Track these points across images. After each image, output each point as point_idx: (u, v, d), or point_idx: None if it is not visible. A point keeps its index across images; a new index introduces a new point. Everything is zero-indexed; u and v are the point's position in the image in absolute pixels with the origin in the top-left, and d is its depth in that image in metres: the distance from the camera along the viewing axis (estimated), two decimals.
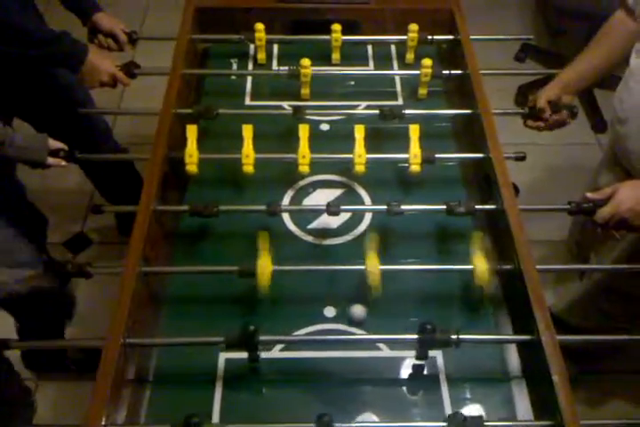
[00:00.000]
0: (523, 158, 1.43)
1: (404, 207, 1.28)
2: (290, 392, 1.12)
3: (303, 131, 1.38)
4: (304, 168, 1.37)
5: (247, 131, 1.38)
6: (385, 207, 1.29)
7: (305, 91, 1.63)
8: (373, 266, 1.16)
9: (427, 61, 1.58)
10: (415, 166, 1.38)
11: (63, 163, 1.40)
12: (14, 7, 1.45)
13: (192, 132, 1.38)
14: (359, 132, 1.38)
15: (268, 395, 1.13)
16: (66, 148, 1.41)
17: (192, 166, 1.37)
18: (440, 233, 1.37)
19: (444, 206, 1.29)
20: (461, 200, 1.30)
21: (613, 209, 1.21)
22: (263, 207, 1.29)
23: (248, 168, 1.37)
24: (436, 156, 1.39)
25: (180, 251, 1.35)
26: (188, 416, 0.97)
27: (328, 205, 1.29)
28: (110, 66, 1.59)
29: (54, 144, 1.40)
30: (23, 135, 1.36)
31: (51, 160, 1.37)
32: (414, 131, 1.39)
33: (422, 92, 1.65)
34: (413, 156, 1.37)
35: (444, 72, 1.62)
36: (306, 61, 1.57)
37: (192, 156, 1.37)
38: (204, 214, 1.29)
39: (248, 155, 1.36)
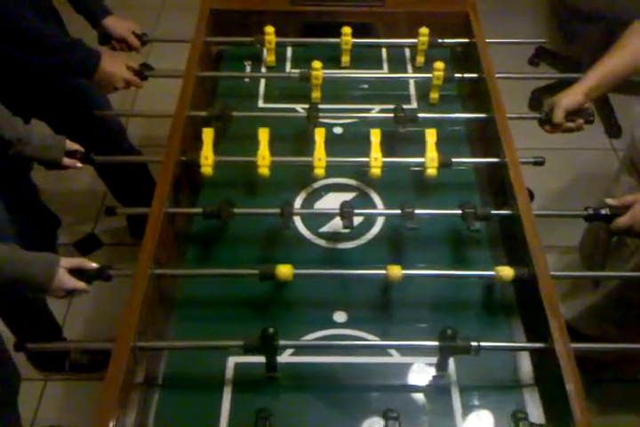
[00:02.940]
0: (542, 163, 1.41)
1: (418, 212, 1.27)
2: (299, 397, 1.11)
3: (319, 134, 1.38)
4: (319, 171, 1.36)
5: (263, 134, 1.37)
6: (399, 211, 1.27)
7: (316, 94, 1.61)
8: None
9: (439, 64, 1.56)
10: (432, 170, 1.37)
11: (79, 164, 1.40)
12: (28, 14, 1.45)
13: (208, 135, 1.38)
14: (375, 135, 1.37)
15: (277, 399, 1.12)
16: (82, 150, 1.41)
17: (207, 168, 1.37)
18: (453, 238, 1.36)
19: (460, 211, 1.27)
20: (476, 205, 1.29)
21: (632, 220, 1.19)
22: (277, 210, 1.28)
23: (264, 171, 1.36)
24: (453, 160, 1.38)
25: (192, 253, 1.34)
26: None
27: (342, 208, 1.28)
28: (123, 71, 1.60)
29: (71, 146, 1.40)
30: (41, 135, 1.36)
31: (66, 161, 1.38)
32: (431, 135, 1.38)
33: (434, 96, 1.63)
34: (430, 159, 1.36)
35: (457, 75, 1.60)
36: (317, 64, 1.56)
37: (207, 158, 1.36)
38: (220, 217, 1.28)
39: (264, 157, 1.36)
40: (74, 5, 1.71)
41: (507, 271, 1.18)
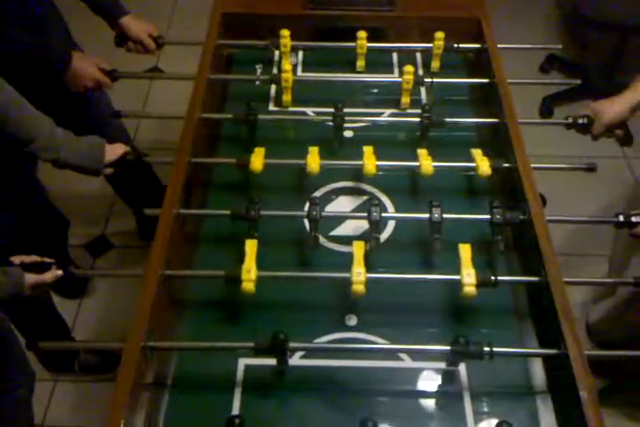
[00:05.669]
0: (593, 169, 1.40)
1: (446, 216, 1.26)
2: (308, 400, 1.11)
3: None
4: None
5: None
6: (427, 216, 1.27)
7: (286, 97, 1.61)
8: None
9: (408, 68, 1.56)
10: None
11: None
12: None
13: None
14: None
15: (287, 402, 1.11)
16: (129, 149, 1.38)
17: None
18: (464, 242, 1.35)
19: (489, 216, 1.26)
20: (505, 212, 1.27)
21: None
22: (303, 213, 1.28)
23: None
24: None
25: (202, 255, 1.34)
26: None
27: (369, 212, 1.27)
28: (94, 71, 1.61)
29: (113, 153, 1.35)
30: (79, 149, 1.31)
31: (108, 171, 1.36)
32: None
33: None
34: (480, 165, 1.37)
35: (426, 80, 1.60)
36: (287, 66, 1.56)
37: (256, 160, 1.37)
38: (248, 218, 1.27)
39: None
40: (91, 6, 1.71)
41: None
